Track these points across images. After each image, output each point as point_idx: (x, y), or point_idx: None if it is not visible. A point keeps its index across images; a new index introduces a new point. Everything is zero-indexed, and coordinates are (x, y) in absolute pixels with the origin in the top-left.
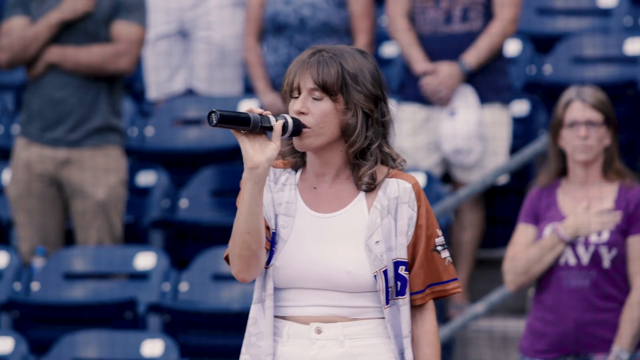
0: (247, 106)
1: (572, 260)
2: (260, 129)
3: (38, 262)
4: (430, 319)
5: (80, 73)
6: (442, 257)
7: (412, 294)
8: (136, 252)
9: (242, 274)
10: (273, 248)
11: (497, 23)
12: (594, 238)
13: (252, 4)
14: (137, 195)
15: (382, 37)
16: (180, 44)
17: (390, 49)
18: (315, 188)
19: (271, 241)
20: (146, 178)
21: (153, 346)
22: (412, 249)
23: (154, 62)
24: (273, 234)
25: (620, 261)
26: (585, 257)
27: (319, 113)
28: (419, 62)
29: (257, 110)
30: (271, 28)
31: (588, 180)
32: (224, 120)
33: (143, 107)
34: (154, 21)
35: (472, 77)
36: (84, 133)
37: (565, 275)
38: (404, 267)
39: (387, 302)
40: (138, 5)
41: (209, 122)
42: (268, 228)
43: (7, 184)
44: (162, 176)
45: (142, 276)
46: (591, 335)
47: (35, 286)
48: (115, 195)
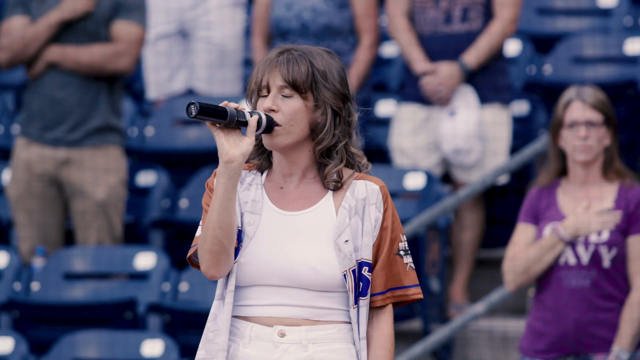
0: (248, 107)
1: (572, 260)
2: (236, 123)
3: (38, 262)
4: (386, 321)
5: (80, 73)
6: (404, 262)
7: (372, 295)
8: (136, 252)
9: (211, 270)
10: (239, 245)
11: (497, 23)
12: (594, 238)
13: (259, 3)
14: (137, 195)
15: (382, 37)
16: (180, 44)
17: (390, 49)
18: (282, 188)
19: (237, 239)
20: (146, 178)
21: (153, 346)
22: (376, 250)
23: (154, 62)
24: (239, 231)
25: (620, 261)
26: (585, 257)
27: (289, 110)
28: (419, 62)
29: (232, 105)
30: (276, 33)
31: (588, 180)
32: (203, 111)
33: (143, 107)
34: (154, 21)
35: (472, 77)
36: (84, 133)
37: (565, 275)
38: (367, 268)
39: (355, 302)
40: (138, 5)
41: (188, 113)
42: None
43: (7, 184)
44: (162, 176)
45: (142, 276)
46: (591, 335)
47: (35, 286)
48: (115, 195)
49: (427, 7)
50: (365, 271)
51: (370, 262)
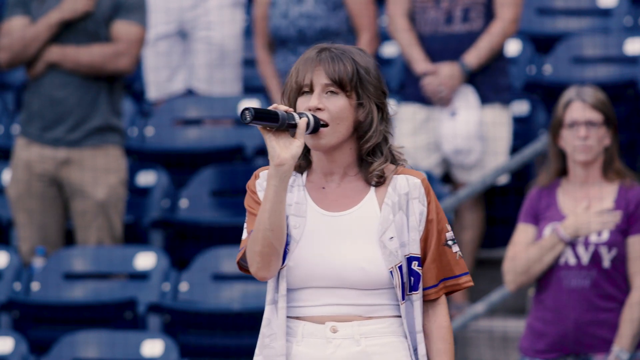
0: (249, 105)
1: (572, 260)
2: (287, 125)
3: (38, 262)
4: (443, 313)
5: (80, 73)
6: (453, 251)
7: (425, 289)
8: (136, 252)
9: (262, 271)
10: (286, 249)
11: (497, 23)
12: (593, 238)
13: (257, 17)
14: (137, 195)
15: (382, 37)
16: (180, 44)
17: (390, 49)
18: (323, 188)
19: None
20: (146, 178)
21: (153, 346)
22: (424, 243)
23: (153, 62)
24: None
25: (620, 261)
26: (585, 257)
27: (335, 109)
28: (420, 62)
29: (282, 107)
30: (277, 42)
31: (588, 180)
32: (257, 117)
33: (143, 107)
34: (153, 21)
35: (473, 77)
36: (84, 133)
37: (565, 275)
38: (417, 263)
39: (402, 298)
40: (138, 5)
41: (243, 119)
42: None
43: (7, 184)
44: (162, 176)
45: (142, 276)
46: (591, 335)
47: (35, 286)
48: (115, 195)
49: (427, 7)
50: (415, 265)
51: (419, 256)
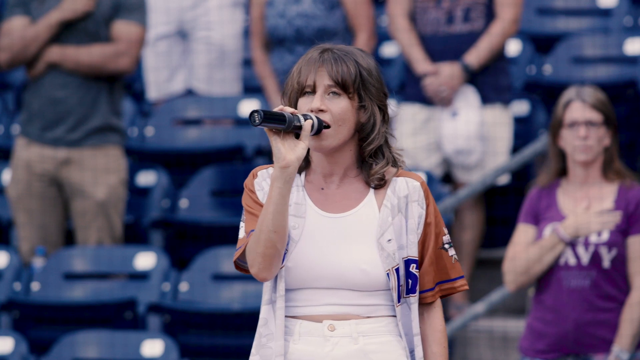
0: (248, 107)
1: (572, 261)
2: (292, 127)
3: (38, 262)
4: (438, 316)
5: (81, 73)
6: (449, 255)
7: (422, 292)
8: (136, 252)
9: (263, 272)
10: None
11: (498, 23)
12: (593, 238)
13: (253, 17)
14: (137, 195)
15: (382, 37)
16: (180, 44)
17: (390, 49)
18: (323, 189)
19: None
20: (146, 178)
21: (153, 346)
22: (421, 246)
23: (153, 63)
24: None
25: (620, 261)
26: (585, 257)
27: (338, 110)
28: (420, 62)
29: (288, 109)
30: (274, 42)
31: (588, 181)
32: (266, 119)
33: (143, 107)
34: (153, 21)
35: (474, 78)
36: (84, 133)
37: (565, 275)
38: (414, 265)
39: (398, 300)
40: (138, 5)
41: (252, 121)
42: None
43: (7, 184)
44: (162, 176)
45: (142, 276)
46: (591, 335)
47: (35, 286)
48: (115, 195)
49: (428, 7)
50: (412, 268)
51: (417, 259)
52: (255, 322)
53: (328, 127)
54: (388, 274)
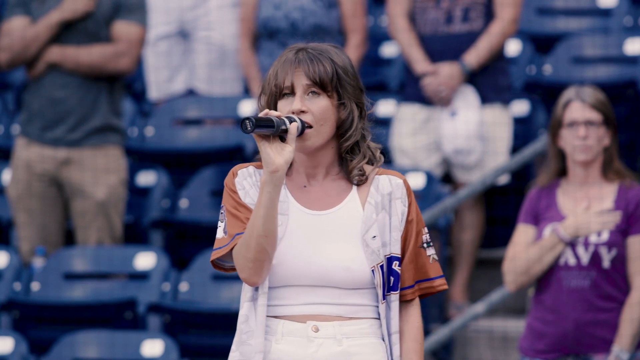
0: (248, 107)
1: (572, 261)
2: (280, 131)
3: (38, 262)
4: (416, 314)
5: (81, 73)
6: (427, 254)
7: (402, 289)
8: (136, 252)
9: (254, 277)
10: None
11: (497, 23)
12: (593, 238)
13: (245, 4)
14: (137, 195)
15: (382, 37)
16: (181, 44)
17: (390, 49)
18: (305, 187)
19: None
20: (146, 178)
21: (153, 346)
22: (403, 243)
23: (154, 63)
24: None
25: (620, 261)
26: (585, 257)
27: (318, 110)
28: (420, 62)
29: (274, 113)
30: (264, 33)
31: (588, 181)
32: (258, 126)
33: (143, 107)
34: (154, 21)
35: (473, 77)
36: (84, 133)
37: (565, 275)
38: (397, 263)
39: (383, 297)
40: (138, 5)
41: (244, 128)
42: None
43: (7, 184)
44: (162, 176)
45: (142, 276)
46: (591, 335)
47: (35, 286)
48: (115, 195)
49: (428, 7)
50: (395, 265)
51: (400, 256)
52: None
53: (310, 127)
54: (373, 270)
